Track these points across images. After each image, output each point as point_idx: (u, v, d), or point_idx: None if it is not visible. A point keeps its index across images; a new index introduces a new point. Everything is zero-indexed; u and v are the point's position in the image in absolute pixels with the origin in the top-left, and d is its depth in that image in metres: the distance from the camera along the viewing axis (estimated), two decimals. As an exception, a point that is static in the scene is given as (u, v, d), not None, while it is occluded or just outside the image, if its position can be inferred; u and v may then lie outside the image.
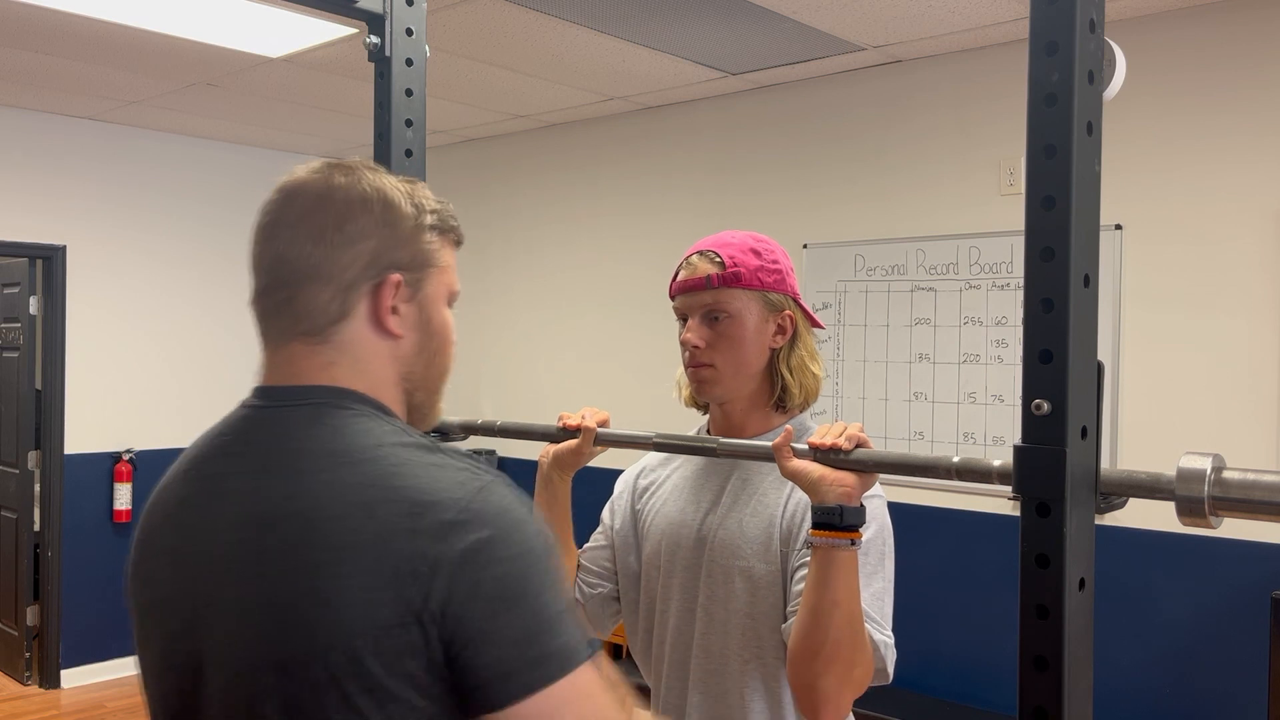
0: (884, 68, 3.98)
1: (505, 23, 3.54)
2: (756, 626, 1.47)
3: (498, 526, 0.93)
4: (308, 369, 1.02)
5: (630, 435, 1.49)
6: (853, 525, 1.27)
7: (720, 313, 1.53)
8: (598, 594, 1.67)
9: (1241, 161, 3.21)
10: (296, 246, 1.02)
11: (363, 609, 0.90)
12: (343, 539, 0.91)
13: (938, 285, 3.78)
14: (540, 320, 5.18)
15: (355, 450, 0.96)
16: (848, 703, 1.36)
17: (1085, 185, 0.91)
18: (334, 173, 1.06)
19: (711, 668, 1.51)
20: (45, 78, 4.40)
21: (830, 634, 1.30)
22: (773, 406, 1.57)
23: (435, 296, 1.11)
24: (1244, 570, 3.17)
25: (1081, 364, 0.92)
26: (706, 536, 1.54)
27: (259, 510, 0.96)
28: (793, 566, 1.45)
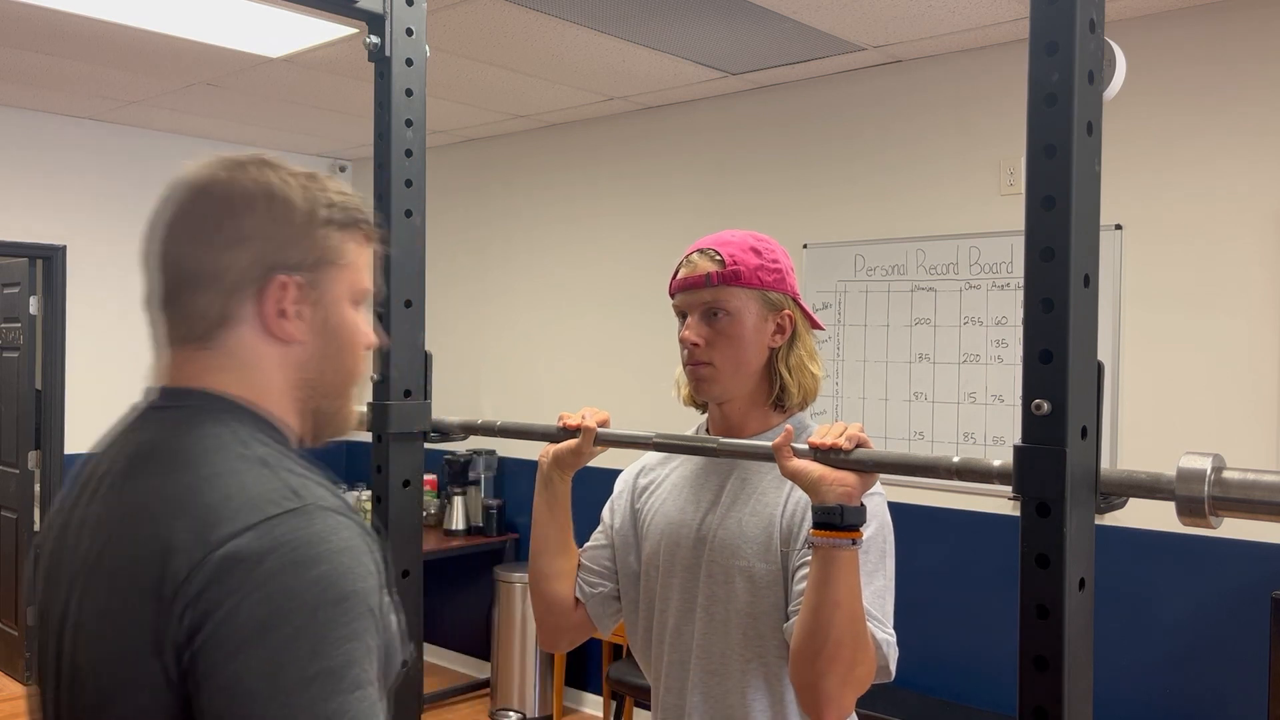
0: (884, 68, 3.98)
1: (505, 23, 3.54)
2: (758, 626, 1.47)
3: (282, 555, 0.82)
4: (191, 373, 0.98)
5: (630, 435, 1.49)
6: (853, 525, 1.28)
7: (719, 310, 1.53)
8: (598, 593, 1.66)
9: (1241, 161, 3.21)
10: (179, 247, 0.98)
11: (126, 630, 0.84)
12: (133, 549, 0.87)
13: (938, 285, 3.78)
14: (540, 320, 5.18)
15: (186, 458, 0.91)
16: (850, 701, 1.36)
17: (1085, 185, 0.91)
18: (219, 168, 1.03)
19: (712, 667, 1.50)
20: (45, 78, 4.40)
21: (832, 633, 1.30)
22: (771, 405, 1.57)
23: (336, 297, 1.01)
24: (1244, 570, 3.17)
25: (1081, 364, 0.92)
26: (706, 536, 1.54)
27: (100, 515, 0.94)
28: (793, 565, 1.45)
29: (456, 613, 5.44)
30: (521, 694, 4.75)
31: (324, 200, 1.01)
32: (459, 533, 5.13)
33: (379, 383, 1.51)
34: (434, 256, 6.17)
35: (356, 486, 5.78)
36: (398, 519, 1.49)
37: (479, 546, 5.10)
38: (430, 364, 1.55)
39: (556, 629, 1.68)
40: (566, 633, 1.68)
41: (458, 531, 5.13)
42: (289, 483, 0.89)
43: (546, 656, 4.76)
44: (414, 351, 1.52)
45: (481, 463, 5.18)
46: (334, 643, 0.81)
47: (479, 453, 5.18)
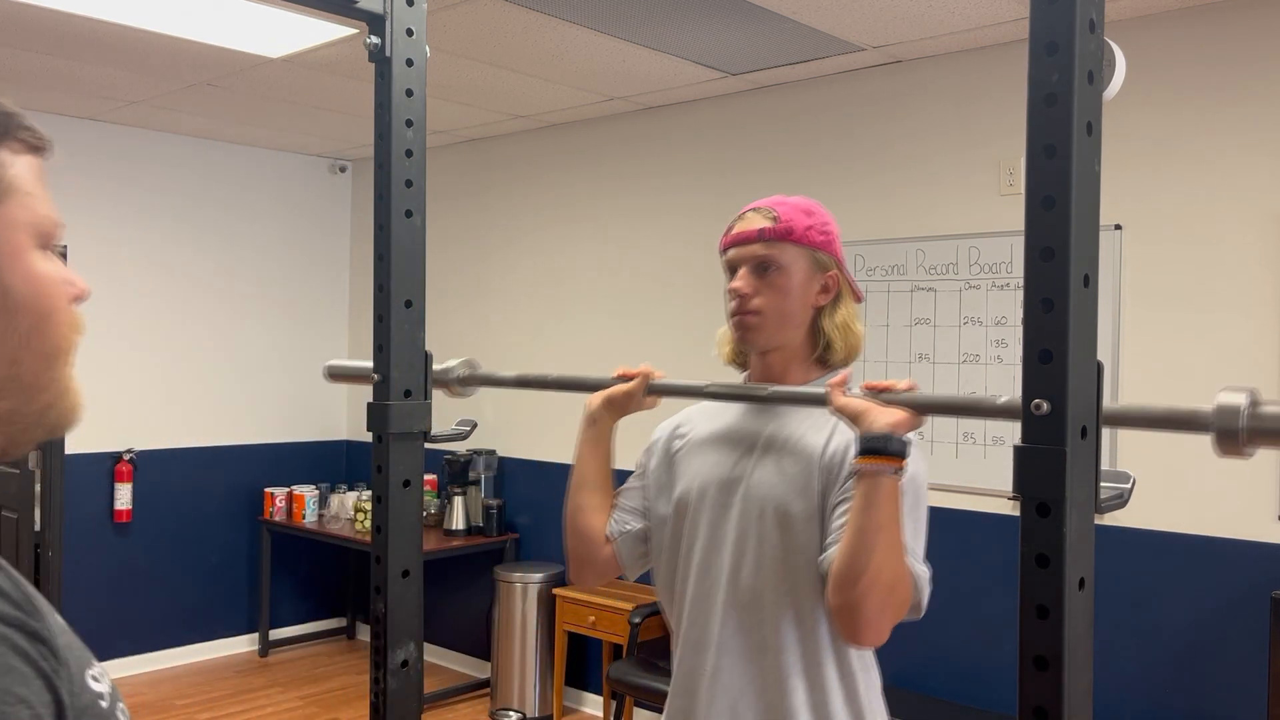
0: (884, 68, 3.98)
1: (505, 23, 3.54)
2: (792, 561, 1.52)
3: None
4: None
5: (683, 385, 1.56)
6: (898, 453, 1.34)
7: (770, 264, 1.60)
8: (628, 531, 1.71)
9: (1241, 161, 3.21)
10: None
11: None
12: None
13: (938, 285, 3.78)
14: (540, 320, 5.18)
15: None
16: (888, 626, 1.41)
17: (1085, 185, 0.91)
18: None
19: (743, 601, 1.55)
20: (45, 78, 4.40)
21: (874, 557, 1.36)
22: (815, 361, 1.64)
23: (10, 248, 0.70)
24: (1244, 570, 3.17)
25: (1081, 364, 0.92)
26: (740, 477, 1.59)
27: None
28: (833, 502, 1.51)
29: (456, 613, 5.44)
30: (521, 694, 4.75)
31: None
32: (459, 533, 5.14)
33: (379, 383, 1.51)
34: (434, 256, 6.18)
35: (356, 486, 5.79)
36: (398, 519, 1.49)
37: (479, 546, 5.10)
38: (430, 364, 1.55)
39: (586, 562, 1.73)
40: (593, 566, 1.72)
41: (458, 531, 5.14)
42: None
43: (547, 656, 4.76)
44: (414, 351, 1.52)
45: (481, 462, 5.18)
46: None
47: (479, 452, 5.18)
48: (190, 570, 5.57)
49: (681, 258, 4.57)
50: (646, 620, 4.24)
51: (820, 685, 1.53)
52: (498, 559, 5.10)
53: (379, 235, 1.49)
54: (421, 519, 1.56)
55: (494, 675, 4.85)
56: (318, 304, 6.07)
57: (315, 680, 5.32)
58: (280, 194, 5.90)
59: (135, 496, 5.32)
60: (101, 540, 5.27)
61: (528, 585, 4.75)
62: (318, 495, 5.66)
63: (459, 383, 1.68)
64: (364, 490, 5.68)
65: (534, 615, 4.74)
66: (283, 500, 5.64)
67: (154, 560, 5.44)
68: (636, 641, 4.21)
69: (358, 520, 5.36)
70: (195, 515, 5.59)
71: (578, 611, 4.57)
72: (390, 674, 1.44)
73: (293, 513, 5.63)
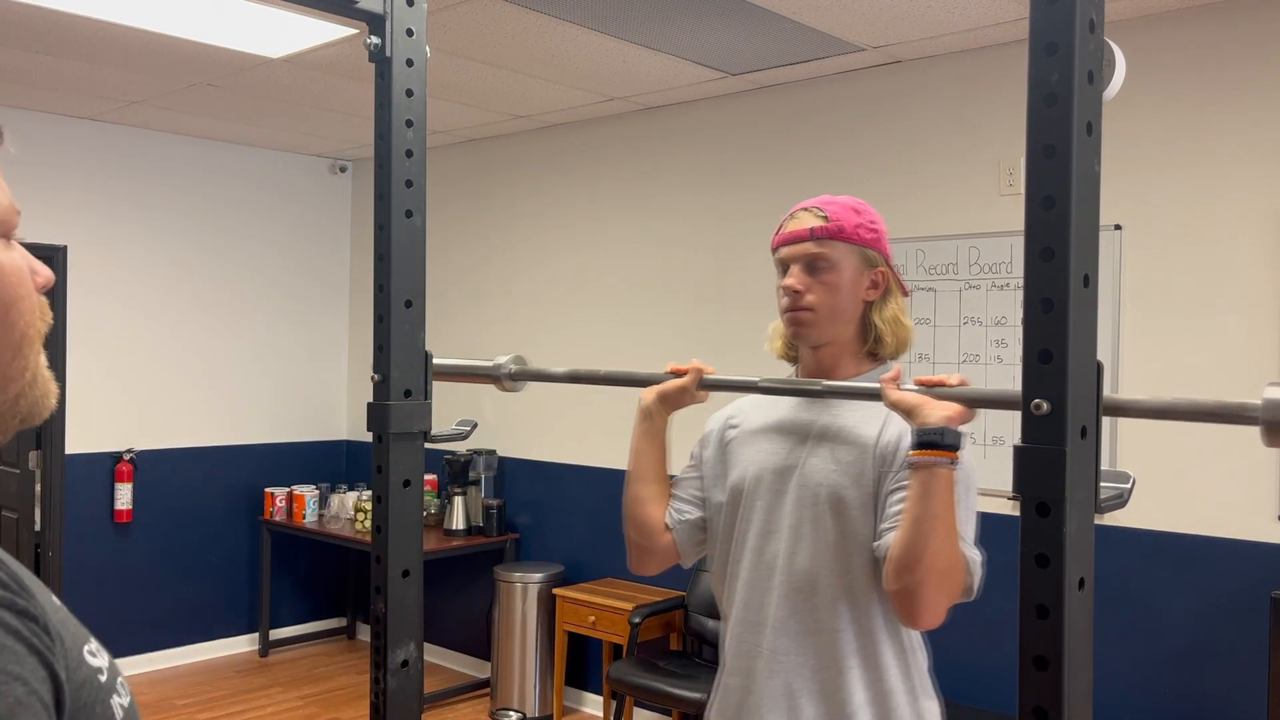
0: (884, 68, 3.98)
1: (505, 23, 3.54)
2: (846, 545, 1.59)
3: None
4: None
5: (735, 380, 1.59)
6: (953, 445, 1.40)
7: (821, 262, 1.65)
8: (687, 520, 1.77)
9: (1241, 161, 3.21)
10: None
11: None
12: None
13: (937, 285, 3.78)
14: (540, 320, 5.18)
15: None
16: (944, 609, 1.50)
17: (1085, 185, 0.91)
18: None
19: (798, 584, 1.61)
20: (45, 78, 4.40)
21: (931, 544, 1.43)
22: (865, 354, 1.70)
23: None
24: (1244, 570, 3.17)
25: (1081, 364, 0.92)
26: (795, 465, 1.66)
27: None
28: (888, 489, 1.57)
29: (456, 613, 5.44)
30: (521, 694, 4.75)
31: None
32: (459, 533, 5.14)
33: (379, 383, 1.51)
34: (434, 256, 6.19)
35: (356, 486, 5.79)
36: (398, 519, 1.49)
37: (479, 546, 5.10)
38: (430, 364, 1.55)
39: (645, 551, 1.79)
40: (653, 555, 1.79)
41: (458, 531, 5.14)
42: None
43: (547, 656, 4.76)
44: (414, 351, 1.52)
45: (481, 462, 5.18)
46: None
47: (479, 452, 5.18)
48: (190, 570, 5.57)
49: (681, 257, 4.57)
50: (646, 620, 4.24)
51: (875, 664, 1.60)
52: (498, 559, 5.10)
53: (379, 235, 1.49)
54: (421, 519, 1.56)
55: (494, 675, 4.85)
56: (318, 304, 6.07)
57: (315, 680, 5.32)
58: (280, 194, 5.90)
59: (135, 496, 5.32)
60: (101, 540, 5.27)
61: (528, 585, 4.75)
62: (318, 495, 5.66)
63: (509, 378, 1.72)
64: (364, 490, 5.68)
65: (534, 615, 4.74)
66: (283, 500, 5.64)
67: (154, 560, 5.44)
68: (636, 641, 4.21)
69: (358, 520, 5.37)
70: (195, 515, 5.59)
71: (578, 611, 4.57)
72: (390, 674, 1.44)
73: (293, 513, 5.63)
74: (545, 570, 4.82)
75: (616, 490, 1.84)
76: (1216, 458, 3.22)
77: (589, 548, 4.91)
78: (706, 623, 4.20)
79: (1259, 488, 3.16)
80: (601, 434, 4.80)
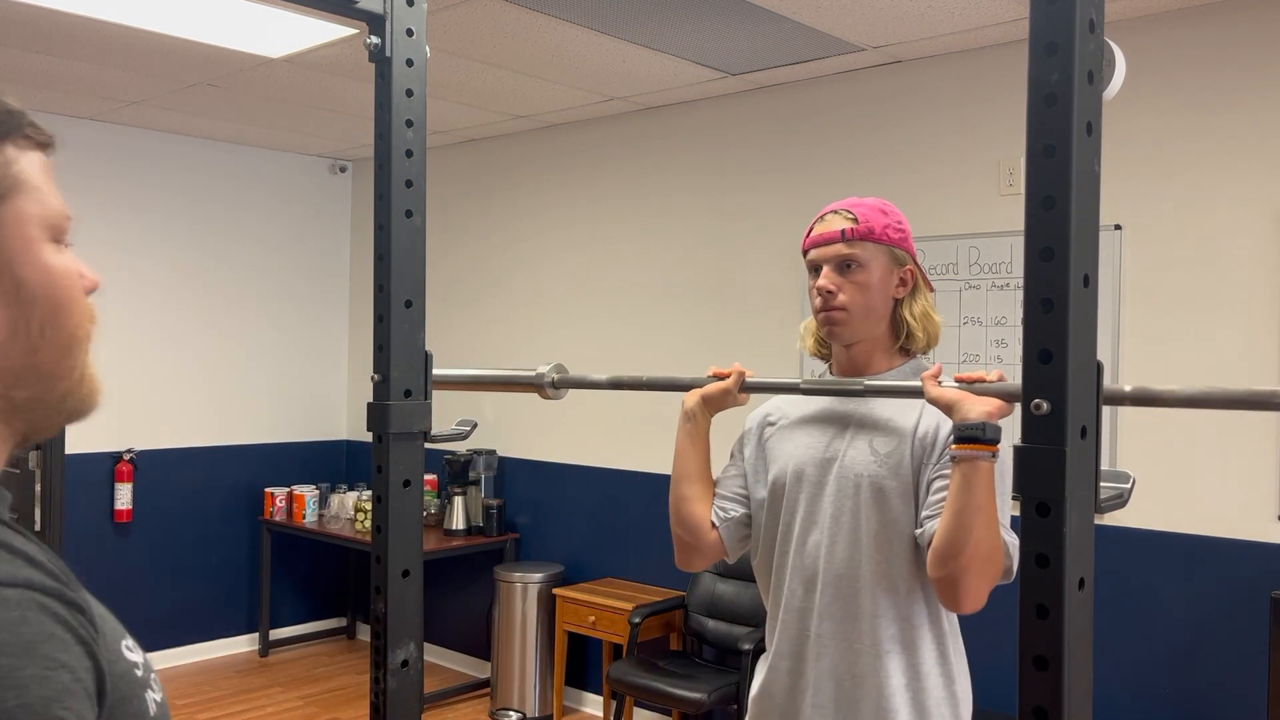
0: (884, 68, 3.98)
1: (505, 23, 3.54)
2: (886, 534, 1.66)
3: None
4: None
5: (777, 382, 1.65)
6: (993, 440, 1.46)
7: (852, 262, 1.72)
8: (732, 518, 1.84)
9: (1241, 162, 3.21)
10: None
11: None
12: None
13: (938, 285, 3.78)
14: (540, 320, 5.18)
15: None
16: (985, 593, 1.55)
17: (1085, 185, 0.91)
18: None
19: (840, 571, 1.69)
20: (45, 78, 4.40)
21: (974, 534, 1.49)
22: (897, 350, 1.78)
23: (21, 241, 0.72)
24: (1244, 570, 3.17)
25: (1081, 364, 0.92)
26: (834, 457, 1.72)
27: None
28: (928, 478, 1.64)
29: (456, 613, 5.44)
30: (521, 694, 4.75)
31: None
32: (459, 533, 5.14)
33: (379, 383, 1.51)
34: (434, 257, 6.19)
35: (356, 486, 5.79)
36: (398, 519, 1.49)
37: (479, 546, 5.10)
38: (430, 364, 1.55)
39: (693, 549, 1.85)
40: (700, 552, 1.85)
41: (458, 531, 5.14)
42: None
43: (547, 656, 4.76)
44: (414, 351, 1.52)
45: (481, 462, 5.18)
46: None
47: (479, 452, 5.18)
48: (190, 570, 5.57)
49: (681, 257, 4.57)
50: (646, 620, 4.24)
51: (914, 648, 1.67)
52: (498, 559, 5.10)
53: (379, 235, 1.49)
54: (421, 519, 1.56)
55: (494, 675, 4.85)
56: (318, 304, 6.07)
57: (315, 680, 5.32)
58: (280, 194, 5.90)
59: (135, 496, 5.32)
60: (101, 540, 5.28)
61: (528, 585, 4.75)
62: (318, 495, 5.66)
63: (552, 386, 1.77)
64: (364, 490, 5.68)
65: (534, 615, 4.74)
66: (283, 500, 5.64)
67: (154, 560, 5.44)
68: (636, 641, 4.21)
69: (358, 520, 5.37)
70: (195, 515, 5.59)
71: (578, 611, 4.57)
72: (390, 674, 1.44)
73: (293, 513, 5.63)
74: (545, 570, 4.82)
75: (616, 490, 1.85)
76: (1216, 458, 3.22)
77: (589, 548, 4.91)
78: (706, 623, 4.20)
79: (1259, 488, 3.16)
80: (601, 434, 4.80)
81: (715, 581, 4.24)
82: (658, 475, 4.28)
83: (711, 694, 3.82)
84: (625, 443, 4.66)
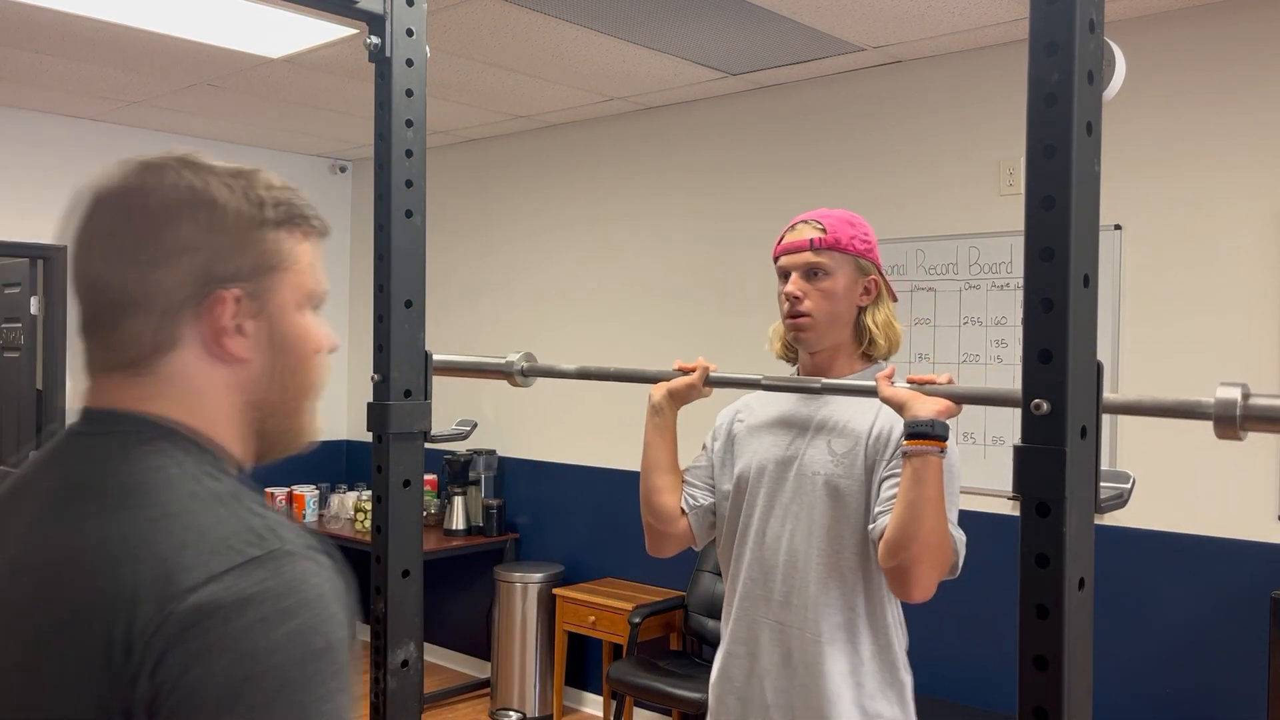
0: (884, 68, 3.98)
1: (505, 23, 3.54)
2: (838, 528, 1.75)
3: (252, 610, 0.74)
4: (123, 399, 0.87)
5: (739, 377, 1.73)
6: (942, 436, 1.55)
7: (819, 270, 1.81)
8: (701, 506, 1.94)
9: (1241, 162, 3.21)
10: (98, 267, 0.86)
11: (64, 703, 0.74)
12: (70, 605, 0.76)
13: (937, 285, 3.78)
14: (540, 320, 5.18)
15: (127, 495, 0.80)
16: (934, 584, 1.63)
17: (1085, 185, 0.91)
18: (135, 174, 0.92)
19: (795, 562, 1.79)
20: (45, 78, 4.40)
21: (924, 524, 1.58)
22: (859, 355, 1.85)
23: (286, 305, 0.91)
24: (1244, 570, 3.17)
25: (1081, 364, 0.92)
26: (795, 456, 1.81)
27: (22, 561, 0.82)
28: (880, 477, 1.73)
29: (456, 613, 5.44)
30: (521, 694, 4.75)
31: (259, 199, 0.91)
32: (459, 533, 5.14)
33: (379, 383, 1.51)
34: (434, 256, 6.18)
35: (356, 486, 5.79)
36: (398, 519, 1.49)
37: (479, 546, 5.10)
38: (430, 364, 1.55)
39: (663, 535, 1.95)
40: (670, 539, 1.95)
41: (458, 531, 5.14)
42: (251, 524, 0.79)
43: (547, 656, 4.76)
44: (414, 351, 1.52)
45: (481, 462, 5.18)
46: (315, 702, 0.74)
47: (479, 452, 5.18)
48: (190, 570, 5.56)
49: (681, 257, 4.57)
50: (646, 620, 4.24)
51: (855, 636, 1.76)
52: (498, 559, 5.10)
53: (379, 235, 1.49)
54: (421, 519, 1.56)
55: (494, 675, 4.85)
56: (318, 304, 6.07)
57: (315, 680, 5.31)
58: (280, 194, 5.89)
59: (135, 496, 5.31)
60: (101, 540, 5.27)
61: (528, 585, 4.75)
62: (318, 495, 5.66)
63: (521, 374, 1.83)
64: (364, 490, 5.68)
65: (534, 615, 4.74)
66: (283, 500, 5.64)
67: (154, 560, 5.43)
68: (636, 641, 4.21)
69: (358, 520, 5.36)
70: (195, 515, 5.58)
71: (578, 611, 4.57)
72: (390, 674, 1.44)
73: (293, 513, 5.63)
74: (545, 570, 4.82)
75: (616, 490, 1.87)
76: (1216, 458, 3.22)
77: (589, 548, 4.91)
78: (706, 623, 4.20)
79: (1259, 488, 3.16)
80: (601, 434, 4.80)
81: (715, 581, 4.24)
82: (658, 475, 4.27)
83: (711, 694, 3.82)
84: (625, 443, 4.66)
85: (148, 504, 0.79)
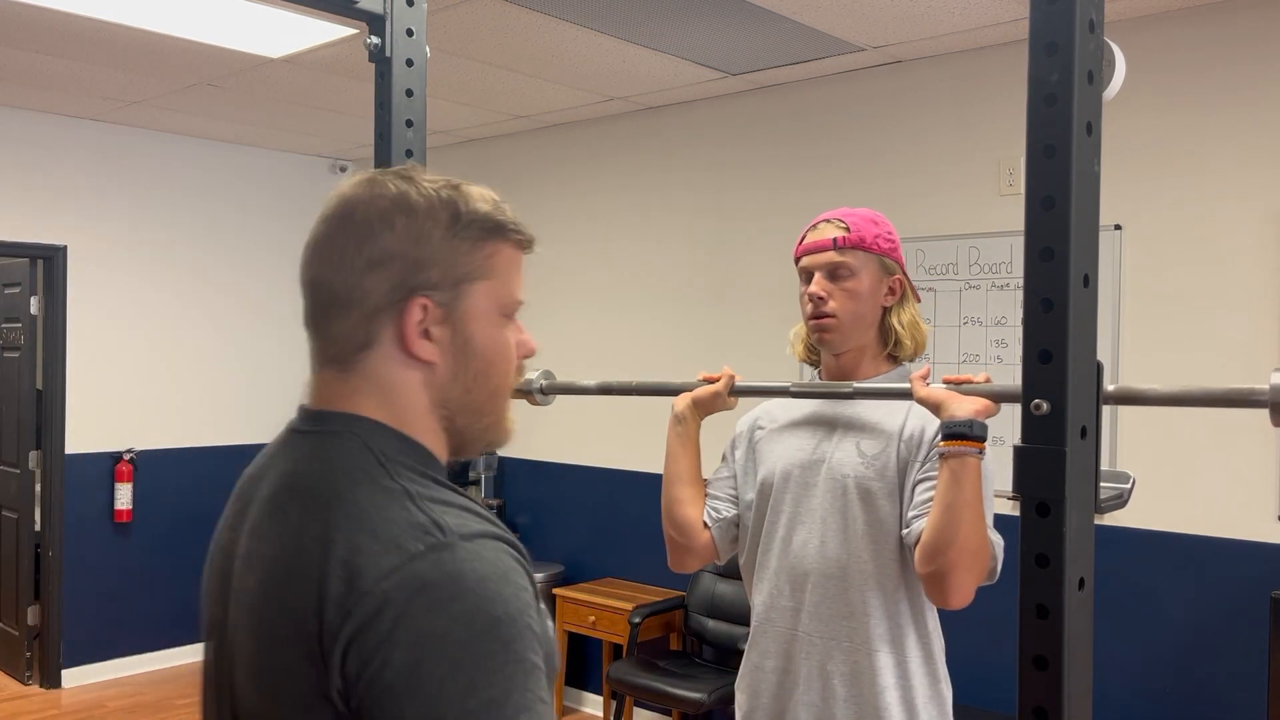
0: (884, 68, 3.98)
1: (505, 23, 3.54)
2: (874, 533, 1.68)
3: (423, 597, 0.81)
4: (332, 396, 0.97)
5: (766, 385, 1.69)
6: (980, 437, 1.50)
7: (843, 270, 1.75)
8: (724, 518, 1.86)
9: (1241, 162, 3.21)
10: (320, 270, 0.96)
11: (291, 678, 0.85)
12: (290, 595, 0.86)
13: (938, 285, 3.78)
14: (539, 320, 5.18)
15: (329, 492, 0.89)
16: (972, 589, 1.57)
17: (1085, 185, 0.91)
18: (361, 185, 0.99)
19: (829, 571, 1.71)
20: (45, 78, 4.40)
21: (963, 529, 1.52)
22: (885, 356, 1.80)
23: (476, 313, 0.98)
24: (1244, 570, 3.17)
25: (1081, 364, 0.92)
26: (822, 459, 1.74)
27: (259, 552, 0.93)
28: (914, 479, 1.66)
29: (456, 613, 5.43)
30: (521, 694, 4.74)
31: (463, 211, 0.99)
32: (459, 533, 5.13)
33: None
34: (434, 256, 6.07)
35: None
36: (398, 519, 1.49)
37: (479, 546, 5.09)
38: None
39: (685, 550, 1.87)
40: (693, 553, 1.87)
41: (458, 531, 5.13)
42: (432, 516, 0.87)
43: (546, 656, 4.76)
44: (414, 351, 1.52)
45: (481, 462, 5.18)
46: (490, 673, 0.80)
47: (479, 453, 5.17)
48: (190, 570, 5.56)
49: (681, 257, 4.57)
50: (646, 620, 4.24)
51: (901, 646, 1.69)
52: (498, 559, 5.09)
53: (379, 235, 1.48)
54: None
55: (494, 675, 4.84)
56: (318, 304, 6.07)
57: (315, 680, 5.31)
58: (280, 194, 5.90)
59: (135, 496, 5.31)
60: (102, 540, 5.27)
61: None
62: (318, 495, 5.65)
63: (540, 392, 1.80)
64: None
65: (534, 615, 4.74)
66: (283, 500, 5.64)
67: (154, 560, 5.44)
68: (636, 641, 4.21)
69: (358, 520, 5.36)
70: (195, 515, 5.57)
71: (578, 611, 4.57)
72: (390, 674, 1.43)
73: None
74: (545, 570, 4.82)
75: (616, 490, 1.86)
76: (1216, 458, 3.22)
77: (589, 548, 4.91)
78: (706, 623, 4.20)
79: (1259, 488, 3.16)
80: (601, 434, 4.80)
81: (715, 581, 4.24)
82: (658, 475, 4.26)
83: (711, 694, 3.82)
84: (625, 443, 4.66)
85: (341, 503, 0.87)
